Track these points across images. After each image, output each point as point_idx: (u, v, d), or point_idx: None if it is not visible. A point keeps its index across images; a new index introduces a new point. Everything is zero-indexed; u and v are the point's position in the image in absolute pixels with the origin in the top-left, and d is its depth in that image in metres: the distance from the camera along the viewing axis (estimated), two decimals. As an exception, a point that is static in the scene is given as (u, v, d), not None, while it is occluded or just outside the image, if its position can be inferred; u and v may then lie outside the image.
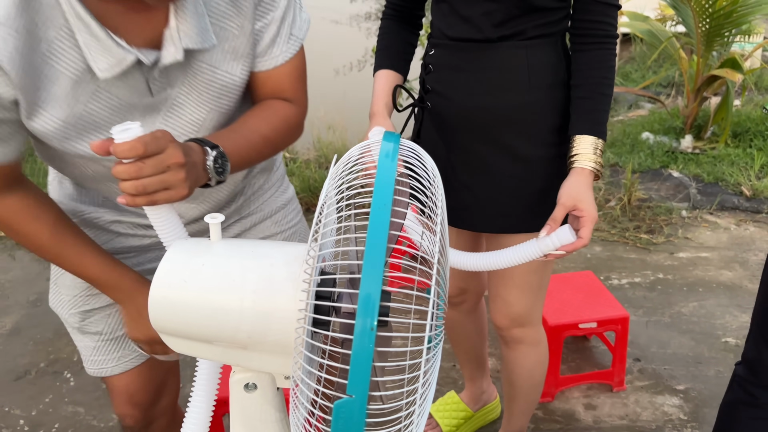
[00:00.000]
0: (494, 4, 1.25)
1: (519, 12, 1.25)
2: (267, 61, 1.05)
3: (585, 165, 1.23)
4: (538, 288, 1.47)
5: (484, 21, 1.27)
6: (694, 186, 3.51)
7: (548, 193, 1.30)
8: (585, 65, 1.27)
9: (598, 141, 1.24)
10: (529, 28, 1.27)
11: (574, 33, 1.29)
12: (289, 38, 1.05)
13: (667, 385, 2.15)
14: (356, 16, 9.67)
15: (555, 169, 1.31)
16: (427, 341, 0.58)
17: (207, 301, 0.70)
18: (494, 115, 1.29)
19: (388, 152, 0.65)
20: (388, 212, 0.58)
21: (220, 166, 0.91)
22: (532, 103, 1.29)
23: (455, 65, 1.31)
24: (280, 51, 1.05)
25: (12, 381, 2.25)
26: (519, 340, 1.53)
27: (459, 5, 1.29)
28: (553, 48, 1.30)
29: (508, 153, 1.32)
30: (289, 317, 0.69)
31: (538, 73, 1.28)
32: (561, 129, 1.31)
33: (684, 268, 2.85)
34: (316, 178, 3.47)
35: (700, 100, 4.05)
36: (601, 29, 1.26)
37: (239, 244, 0.75)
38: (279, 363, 0.73)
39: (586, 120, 1.26)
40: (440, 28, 1.36)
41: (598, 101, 1.26)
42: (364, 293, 0.55)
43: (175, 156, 0.81)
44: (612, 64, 1.28)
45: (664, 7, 6.00)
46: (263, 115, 1.06)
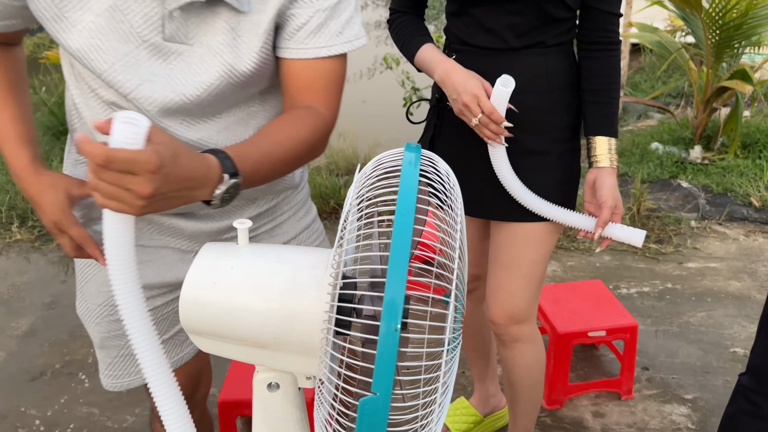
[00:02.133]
0: (518, 17, 1.37)
1: (539, 23, 1.37)
2: (309, 49, 0.98)
3: (606, 164, 1.41)
4: (540, 281, 1.54)
5: (507, 32, 1.38)
6: (703, 196, 3.53)
7: (560, 184, 1.47)
8: (594, 71, 1.42)
9: (611, 140, 1.41)
10: (548, 38, 1.39)
11: (582, 40, 1.43)
12: (338, 35, 0.99)
13: (675, 394, 2.17)
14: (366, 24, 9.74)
15: (567, 162, 1.47)
16: (447, 344, 0.61)
17: (235, 302, 0.73)
18: (513, 116, 1.37)
19: (411, 161, 0.68)
20: (412, 219, 0.61)
21: (230, 196, 0.83)
22: (548, 104, 1.43)
23: (477, 70, 1.39)
24: (325, 42, 0.98)
25: (28, 381, 2.28)
26: (516, 338, 1.56)
27: (483, 18, 1.40)
28: (566, 55, 1.44)
29: (525, 149, 1.43)
30: (313, 319, 0.72)
31: (554, 78, 1.42)
32: (573, 126, 1.46)
33: (693, 278, 2.86)
34: (327, 185, 3.50)
35: (710, 110, 4.06)
36: (605, 36, 1.40)
37: (265, 249, 0.78)
38: (302, 363, 0.76)
39: (599, 123, 1.42)
40: (460, 37, 1.46)
41: (609, 104, 1.42)
42: (388, 297, 0.58)
43: (142, 189, 0.70)
44: (617, 68, 1.43)
45: (673, 18, 6.01)
46: (290, 127, 0.98)
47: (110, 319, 1.20)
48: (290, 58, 0.99)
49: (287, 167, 0.97)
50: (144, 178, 0.69)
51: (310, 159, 1.04)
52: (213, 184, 0.79)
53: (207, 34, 0.94)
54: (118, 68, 0.93)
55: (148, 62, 0.93)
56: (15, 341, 2.50)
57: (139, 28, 0.91)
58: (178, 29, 0.92)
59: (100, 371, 1.25)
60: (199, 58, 0.95)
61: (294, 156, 0.96)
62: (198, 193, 0.78)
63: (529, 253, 1.48)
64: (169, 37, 0.92)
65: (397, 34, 1.52)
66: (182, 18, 0.92)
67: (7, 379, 2.30)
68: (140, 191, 0.69)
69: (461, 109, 1.36)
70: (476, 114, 1.33)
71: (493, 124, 1.34)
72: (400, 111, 4.67)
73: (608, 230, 1.40)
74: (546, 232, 1.48)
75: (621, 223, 1.42)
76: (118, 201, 0.71)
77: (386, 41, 8.90)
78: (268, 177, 0.94)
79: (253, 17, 0.95)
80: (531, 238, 1.48)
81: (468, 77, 1.35)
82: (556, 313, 2.11)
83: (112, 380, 1.24)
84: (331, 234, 3.30)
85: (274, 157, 0.93)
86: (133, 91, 0.94)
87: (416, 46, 1.46)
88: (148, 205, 0.71)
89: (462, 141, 1.44)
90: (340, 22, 0.99)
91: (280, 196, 1.23)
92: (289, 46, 0.98)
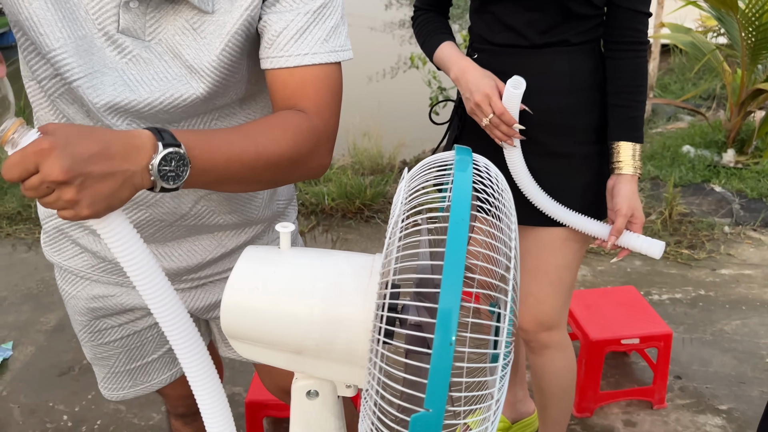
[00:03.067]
0: (537, 13, 1.33)
1: (561, 20, 1.33)
2: (290, 57, 0.87)
3: (629, 171, 1.35)
4: (569, 287, 1.50)
5: (528, 29, 1.35)
6: (737, 201, 3.45)
7: (586, 188, 1.42)
8: (620, 73, 1.36)
9: (636, 146, 1.35)
10: (571, 36, 1.35)
11: (608, 39, 1.38)
12: (324, 42, 0.89)
13: (709, 404, 2.11)
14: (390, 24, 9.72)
15: (594, 165, 1.42)
16: (502, 359, 0.59)
17: (277, 308, 0.71)
18: (536, 117, 1.34)
19: (463, 165, 0.66)
20: (466, 227, 0.58)
21: (172, 170, 0.72)
22: (572, 105, 1.38)
23: (499, 69, 1.36)
24: (308, 48, 0.88)
25: (56, 376, 2.30)
26: (545, 345, 1.53)
27: (503, 15, 1.36)
28: (591, 54, 1.39)
29: (548, 152, 1.39)
30: (357, 327, 0.70)
31: (577, 77, 1.37)
32: (598, 128, 1.41)
33: (726, 285, 2.79)
34: (353, 185, 3.49)
35: (744, 113, 3.97)
36: (631, 36, 1.35)
37: (307, 253, 0.76)
38: (343, 371, 0.74)
39: (624, 127, 1.36)
40: (482, 35, 1.43)
41: (634, 108, 1.37)
42: (443, 307, 0.56)
43: (50, 174, 0.65)
44: (644, 71, 1.38)
45: (705, 18, 5.90)
46: (267, 122, 0.86)
47: (93, 344, 1.22)
48: (273, 68, 0.89)
49: (258, 171, 0.83)
50: (47, 164, 0.65)
51: (294, 171, 0.88)
52: (145, 155, 0.71)
53: (166, 32, 0.86)
54: (70, 50, 0.84)
55: (101, 52, 0.86)
56: (44, 336, 2.52)
57: (94, 14, 0.84)
58: (135, 22, 0.85)
59: (98, 383, 1.29)
60: (157, 57, 0.87)
61: (267, 158, 0.82)
62: (130, 166, 0.70)
63: (555, 259, 1.45)
64: (123, 29, 0.85)
65: (419, 31, 1.49)
66: (140, 11, 0.84)
67: (36, 373, 2.31)
68: (52, 177, 0.65)
69: (473, 108, 1.34)
70: (487, 114, 1.31)
71: (504, 126, 1.31)
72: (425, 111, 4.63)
73: (623, 240, 1.35)
74: (570, 239, 1.44)
75: (656, 230, 1.37)
76: (54, 204, 0.68)
77: (410, 40, 8.87)
78: (230, 175, 0.80)
79: (218, 18, 0.87)
80: (556, 244, 1.44)
81: (482, 76, 1.32)
82: (588, 319, 2.07)
83: (108, 392, 1.27)
84: (356, 234, 3.29)
85: (238, 149, 0.79)
86: (81, 79, 0.86)
87: (436, 44, 1.43)
88: (78, 192, 0.66)
89: (485, 142, 1.40)
90: (325, 29, 0.89)
91: (247, 231, 1.14)
92: (270, 55, 0.88)
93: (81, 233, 1.10)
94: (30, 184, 0.66)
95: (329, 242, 3.23)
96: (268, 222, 1.18)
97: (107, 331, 1.20)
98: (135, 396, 1.28)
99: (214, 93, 0.90)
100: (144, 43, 0.86)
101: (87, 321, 1.19)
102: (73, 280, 1.16)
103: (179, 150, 0.72)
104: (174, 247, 1.09)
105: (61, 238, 1.14)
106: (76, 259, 1.14)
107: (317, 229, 3.35)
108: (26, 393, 2.22)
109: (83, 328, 1.20)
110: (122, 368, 1.24)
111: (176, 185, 0.73)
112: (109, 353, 1.22)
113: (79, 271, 1.14)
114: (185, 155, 0.73)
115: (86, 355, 1.26)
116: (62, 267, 1.16)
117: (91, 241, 1.10)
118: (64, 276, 1.17)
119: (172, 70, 0.88)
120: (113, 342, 1.21)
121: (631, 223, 1.35)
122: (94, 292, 1.15)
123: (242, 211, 1.11)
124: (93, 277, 1.14)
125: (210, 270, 1.14)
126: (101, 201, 0.69)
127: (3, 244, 3.20)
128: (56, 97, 0.93)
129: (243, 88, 0.96)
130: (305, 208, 3.46)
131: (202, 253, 1.11)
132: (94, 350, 1.23)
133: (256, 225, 1.15)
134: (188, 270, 1.12)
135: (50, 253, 1.17)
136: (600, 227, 1.36)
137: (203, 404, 0.80)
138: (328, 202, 3.44)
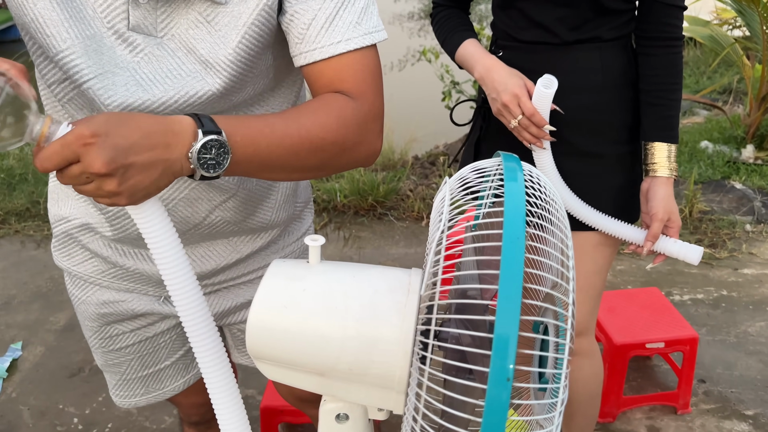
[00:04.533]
0: (567, 9, 1.26)
1: (592, 15, 1.26)
2: (324, 47, 0.82)
3: (664, 173, 1.29)
4: (599, 293, 1.44)
5: (558, 26, 1.27)
6: (759, 199, 3.37)
7: (618, 190, 1.35)
8: (653, 70, 1.29)
9: (671, 147, 1.29)
10: (604, 31, 1.28)
11: (640, 35, 1.31)
12: (356, 26, 0.83)
13: (735, 409, 2.05)
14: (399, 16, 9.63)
15: (627, 166, 1.36)
16: (561, 393, 0.53)
17: (308, 328, 0.66)
18: (567, 116, 1.28)
19: (514, 176, 0.60)
20: (522, 246, 0.53)
21: (213, 158, 0.70)
22: (604, 102, 1.31)
23: (527, 67, 1.29)
24: (341, 35, 0.82)
25: (66, 378, 2.26)
26: (574, 352, 1.47)
27: (531, 11, 1.29)
28: (623, 50, 1.32)
29: (578, 152, 1.32)
30: (394, 349, 0.65)
31: (610, 74, 1.30)
32: (632, 127, 1.34)
33: (749, 285, 2.72)
34: (365, 181, 3.43)
35: (765, 109, 3.88)
36: (666, 31, 1.28)
37: (339, 268, 0.70)
38: (378, 396, 0.68)
39: (658, 127, 1.30)
40: (508, 32, 1.36)
41: (668, 107, 1.29)
42: (499, 334, 0.50)
43: (92, 165, 0.64)
44: (679, 67, 1.30)
45: (721, 10, 5.78)
46: (309, 105, 0.82)
47: (104, 350, 1.18)
48: (307, 64, 0.84)
49: (302, 156, 0.79)
50: (89, 155, 0.64)
51: (342, 156, 0.83)
52: (185, 143, 0.69)
53: (179, 27, 0.82)
54: (78, 51, 0.80)
55: (111, 51, 0.82)
56: (54, 336, 2.48)
57: (102, 12, 0.80)
58: (145, 18, 0.81)
59: (109, 390, 1.25)
60: (170, 54, 0.83)
61: (311, 141, 0.78)
62: (170, 155, 0.68)
63: (586, 265, 1.38)
64: (134, 26, 0.81)
65: (439, 29, 1.42)
66: (150, 6, 0.80)
67: (45, 374, 2.28)
68: (94, 169, 0.64)
69: (500, 109, 1.27)
70: (516, 115, 1.24)
71: (534, 127, 1.24)
72: (437, 105, 4.56)
73: (660, 245, 1.29)
74: (602, 243, 1.37)
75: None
76: (93, 194, 0.67)
77: (419, 33, 8.78)
78: (274, 161, 0.77)
79: (233, 8, 0.82)
80: (587, 249, 1.38)
81: (509, 75, 1.25)
82: (612, 322, 2.01)
83: (119, 399, 1.23)
84: (369, 231, 3.24)
85: (280, 132, 0.76)
86: (91, 80, 0.82)
87: (458, 42, 1.36)
88: (120, 185, 0.65)
89: (510, 144, 1.33)
90: (355, 11, 0.83)
91: (263, 236, 1.10)
92: (302, 51, 0.83)
93: (91, 237, 1.06)
94: (70, 173, 0.65)
95: (341, 240, 3.18)
96: (283, 225, 1.13)
97: (119, 337, 1.16)
98: (147, 403, 1.24)
99: (230, 88, 0.85)
100: (156, 39, 0.82)
101: (98, 327, 1.15)
102: (83, 286, 1.13)
103: (219, 138, 0.70)
104: (188, 252, 1.05)
105: (70, 243, 1.09)
106: (86, 264, 1.10)
107: (329, 227, 3.30)
108: (36, 395, 2.18)
109: (94, 333, 1.17)
110: (134, 375, 1.20)
111: (216, 173, 0.71)
112: (121, 360, 1.18)
113: (89, 276, 1.10)
114: (226, 143, 0.70)
115: (97, 361, 1.22)
116: (72, 272, 1.12)
117: (101, 246, 1.06)
118: (74, 281, 1.14)
119: (185, 66, 0.83)
120: (125, 348, 1.17)
121: (667, 228, 1.29)
122: (105, 297, 1.11)
123: (258, 217, 1.06)
124: (103, 282, 1.10)
125: (224, 276, 1.10)
126: (141, 191, 0.68)
127: (12, 241, 3.16)
128: (66, 102, 0.89)
129: (260, 84, 0.91)
130: (317, 206, 3.40)
131: (216, 259, 1.07)
132: (105, 356, 1.19)
133: (272, 229, 1.11)
134: (202, 276, 1.08)
135: (60, 258, 1.13)
136: (635, 232, 1.30)
137: (220, 410, 0.76)
138: (341, 199, 3.39)
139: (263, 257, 1.13)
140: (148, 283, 1.09)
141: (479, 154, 1.45)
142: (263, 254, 1.13)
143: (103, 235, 1.04)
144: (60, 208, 1.07)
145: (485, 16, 7.93)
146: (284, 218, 1.11)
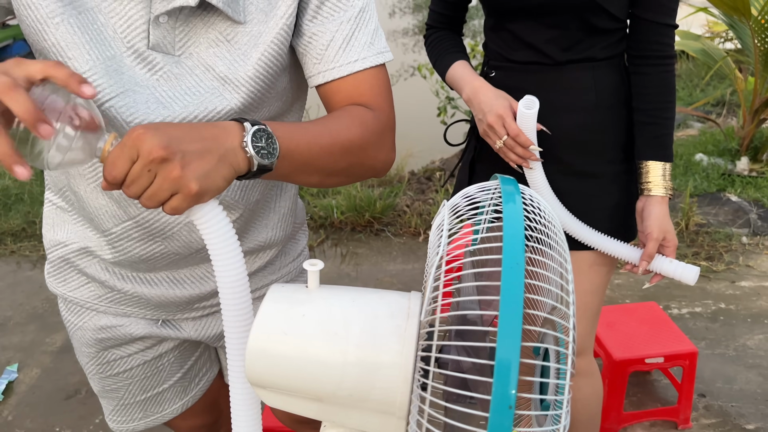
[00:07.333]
0: (557, 30, 1.26)
1: (583, 35, 1.26)
2: (342, 66, 0.88)
3: (659, 192, 1.29)
4: (596, 313, 1.43)
5: (550, 46, 1.28)
6: (754, 211, 3.38)
7: (614, 209, 1.35)
8: (645, 88, 1.29)
9: (666, 165, 1.29)
10: (596, 51, 1.28)
11: (632, 54, 1.31)
12: (370, 46, 0.89)
13: (735, 423, 2.05)
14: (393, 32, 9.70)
15: (623, 184, 1.36)
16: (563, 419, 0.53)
17: (308, 354, 0.65)
18: (561, 135, 1.28)
19: (512, 198, 0.60)
20: (522, 270, 0.53)
21: (264, 147, 0.72)
22: (598, 122, 1.31)
23: (520, 88, 1.29)
24: (357, 54, 0.88)
25: (62, 400, 2.24)
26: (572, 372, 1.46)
27: (522, 32, 1.30)
28: (616, 69, 1.32)
29: (574, 172, 1.32)
30: (395, 374, 0.64)
31: (603, 94, 1.30)
32: (626, 146, 1.34)
33: (747, 298, 2.72)
34: (362, 197, 3.43)
35: (758, 121, 3.91)
36: (657, 50, 1.27)
37: (338, 293, 0.70)
38: (379, 422, 0.68)
39: (652, 145, 1.29)
40: (500, 53, 1.36)
41: (662, 125, 1.29)
42: (501, 360, 0.50)
43: (151, 152, 0.66)
44: (672, 86, 1.30)
45: (712, 24, 5.84)
46: (334, 114, 0.87)
47: (102, 376, 1.17)
48: (325, 83, 0.88)
49: (335, 157, 0.83)
50: (145, 145, 0.66)
51: (365, 160, 0.87)
52: (236, 136, 0.72)
53: (198, 45, 0.85)
54: (99, 72, 0.82)
55: (131, 71, 0.84)
56: (50, 357, 2.46)
57: (122, 32, 0.83)
58: (165, 37, 0.83)
59: (105, 416, 1.23)
60: (188, 72, 0.85)
61: (341, 143, 0.82)
62: (223, 144, 0.71)
63: (581, 285, 1.37)
64: (154, 45, 0.83)
65: (431, 50, 1.44)
66: (169, 25, 0.83)
67: (42, 396, 2.26)
68: (153, 154, 0.66)
69: (486, 130, 1.27)
70: (501, 136, 1.24)
71: (519, 148, 1.23)
72: (433, 121, 4.58)
73: (655, 264, 1.29)
74: (598, 263, 1.37)
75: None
76: (160, 190, 0.68)
77: (413, 49, 8.84)
78: (312, 160, 0.80)
79: (252, 28, 0.85)
80: (583, 268, 1.37)
81: (495, 96, 1.25)
82: (611, 337, 2.00)
83: (116, 424, 1.22)
84: (366, 248, 3.23)
85: (313, 132, 0.81)
86: (112, 100, 0.83)
87: (448, 64, 1.37)
88: (182, 168, 0.67)
89: (505, 164, 1.33)
90: (368, 32, 0.90)
91: (261, 257, 1.11)
92: (321, 70, 0.88)
93: (89, 262, 1.05)
94: (134, 172, 0.67)
95: (339, 256, 3.17)
96: (281, 245, 1.13)
97: (117, 362, 1.15)
98: (145, 427, 1.23)
99: (249, 105, 0.88)
100: (174, 58, 0.85)
101: (95, 353, 1.14)
102: (78, 312, 1.12)
103: (266, 128, 0.73)
104: (187, 274, 1.05)
105: (66, 268, 1.09)
106: (82, 289, 1.09)
107: (326, 243, 3.29)
108: (32, 417, 2.16)
109: (91, 360, 1.15)
110: (132, 399, 1.19)
111: (271, 162, 0.73)
112: (119, 384, 1.17)
113: (85, 302, 1.10)
114: (272, 133, 0.74)
115: (94, 388, 1.21)
116: (67, 298, 1.11)
117: (99, 270, 1.05)
118: (69, 307, 1.13)
119: (204, 83, 0.86)
120: (123, 372, 1.16)
121: (663, 247, 1.28)
122: (102, 322, 1.10)
123: (258, 237, 1.07)
124: (100, 308, 1.09)
125: None
126: (204, 177, 0.68)
127: (7, 262, 3.14)
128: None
129: (276, 106, 0.94)
130: (314, 222, 3.40)
131: (215, 281, 1.06)
132: (102, 382, 1.18)
133: (270, 249, 1.11)
134: (200, 297, 1.08)
135: (54, 284, 1.12)
136: (631, 251, 1.30)
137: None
138: (337, 216, 3.39)
139: (260, 278, 1.13)
140: (147, 306, 1.08)
141: (474, 174, 1.45)
142: (260, 275, 1.13)
143: (102, 259, 1.03)
144: (56, 233, 1.07)
145: (479, 32, 7.98)
146: (282, 237, 1.11)
